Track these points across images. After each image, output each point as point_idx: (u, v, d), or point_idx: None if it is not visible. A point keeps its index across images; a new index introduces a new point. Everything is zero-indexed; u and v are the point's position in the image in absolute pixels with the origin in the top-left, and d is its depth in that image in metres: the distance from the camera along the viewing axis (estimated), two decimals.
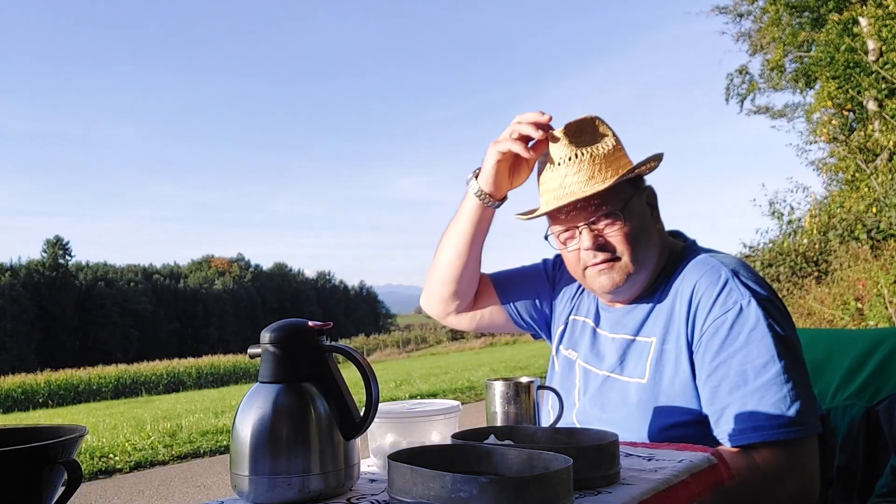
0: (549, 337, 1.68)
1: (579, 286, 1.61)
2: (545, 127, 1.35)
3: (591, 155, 1.34)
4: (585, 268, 1.41)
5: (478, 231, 1.50)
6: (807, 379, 1.28)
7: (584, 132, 1.37)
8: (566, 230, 1.40)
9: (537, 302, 1.65)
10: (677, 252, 1.46)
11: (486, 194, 1.44)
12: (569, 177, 1.34)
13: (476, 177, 1.45)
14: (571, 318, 1.59)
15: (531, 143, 1.38)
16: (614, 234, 1.36)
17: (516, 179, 1.45)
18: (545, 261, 1.71)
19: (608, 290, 1.40)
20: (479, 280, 1.62)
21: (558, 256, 1.70)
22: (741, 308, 1.29)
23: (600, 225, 1.36)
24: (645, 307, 1.42)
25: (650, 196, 1.45)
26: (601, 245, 1.37)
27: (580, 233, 1.37)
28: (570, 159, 1.35)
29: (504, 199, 1.46)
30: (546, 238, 1.46)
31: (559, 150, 1.36)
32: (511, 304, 1.65)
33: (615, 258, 1.37)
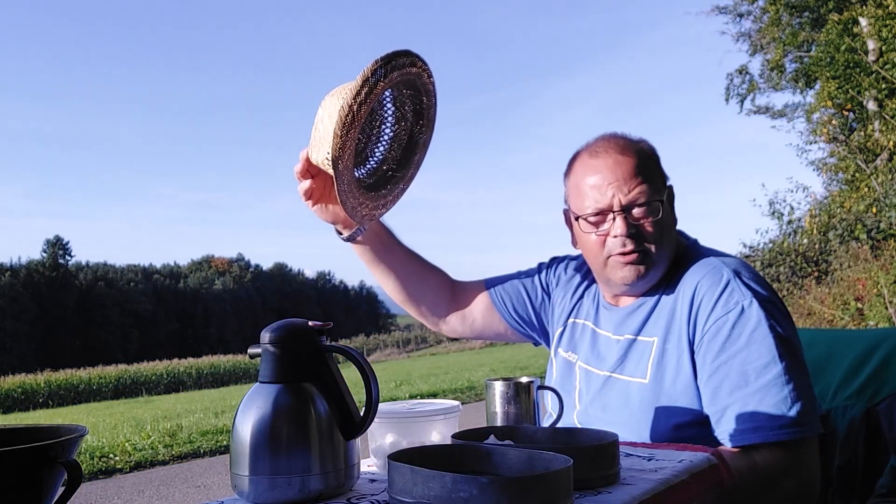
0: (547, 340, 1.67)
1: (578, 287, 1.61)
2: (308, 173, 1.34)
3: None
4: (609, 256, 1.40)
5: (377, 255, 1.55)
6: (808, 380, 1.28)
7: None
8: (597, 215, 1.39)
9: (529, 303, 1.65)
10: (680, 252, 1.46)
11: (347, 234, 1.47)
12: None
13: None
14: (571, 320, 1.59)
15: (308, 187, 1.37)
16: (648, 224, 1.37)
17: (337, 208, 1.42)
18: (540, 264, 1.71)
19: (630, 282, 1.39)
20: (440, 283, 1.65)
21: (553, 259, 1.71)
22: (743, 309, 1.28)
23: (636, 213, 1.37)
24: (647, 307, 1.42)
25: (671, 196, 1.45)
26: (633, 234, 1.36)
27: (614, 219, 1.37)
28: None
29: (359, 226, 1.45)
30: (577, 220, 1.44)
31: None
32: (501, 303, 1.65)
33: (643, 250, 1.37)
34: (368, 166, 1.38)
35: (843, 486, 1.57)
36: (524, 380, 1.21)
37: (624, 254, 1.37)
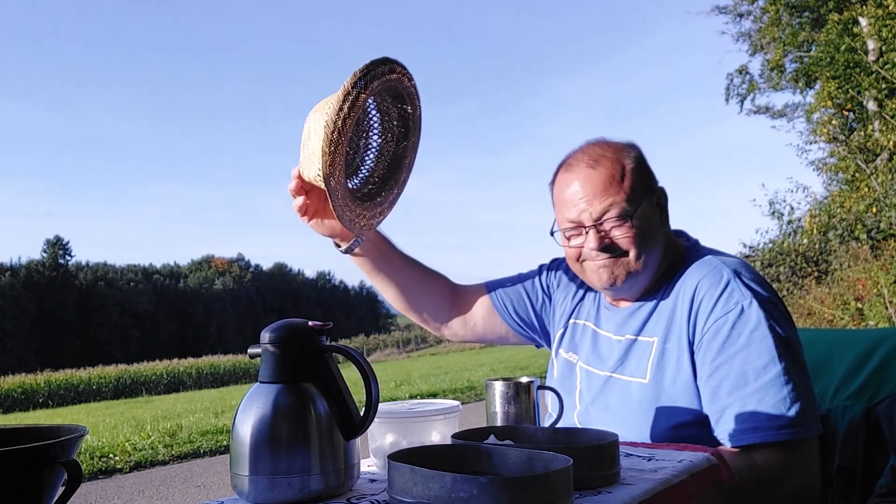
0: (549, 342, 1.68)
1: (579, 288, 1.61)
2: (301, 190, 1.33)
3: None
4: (584, 260, 1.42)
5: (376, 265, 1.55)
6: (807, 380, 1.28)
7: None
8: (573, 227, 1.40)
9: (530, 305, 1.65)
10: (680, 252, 1.47)
11: (345, 247, 1.46)
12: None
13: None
14: (572, 321, 1.59)
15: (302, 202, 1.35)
16: (620, 235, 1.37)
17: (332, 222, 1.40)
18: (541, 266, 1.71)
19: (606, 286, 1.40)
20: (441, 290, 1.66)
21: (554, 261, 1.71)
22: (742, 309, 1.29)
23: (607, 226, 1.37)
24: (647, 307, 1.42)
25: (661, 198, 1.45)
26: (606, 246, 1.37)
27: (586, 232, 1.38)
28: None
29: (356, 238, 1.44)
30: (552, 234, 1.47)
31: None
32: (503, 306, 1.65)
33: (618, 255, 1.38)
34: (360, 176, 1.38)
35: (843, 486, 1.57)
36: (524, 380, 1.21)
37: (597, 260, 1.39)
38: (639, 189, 1.39)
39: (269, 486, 0.91)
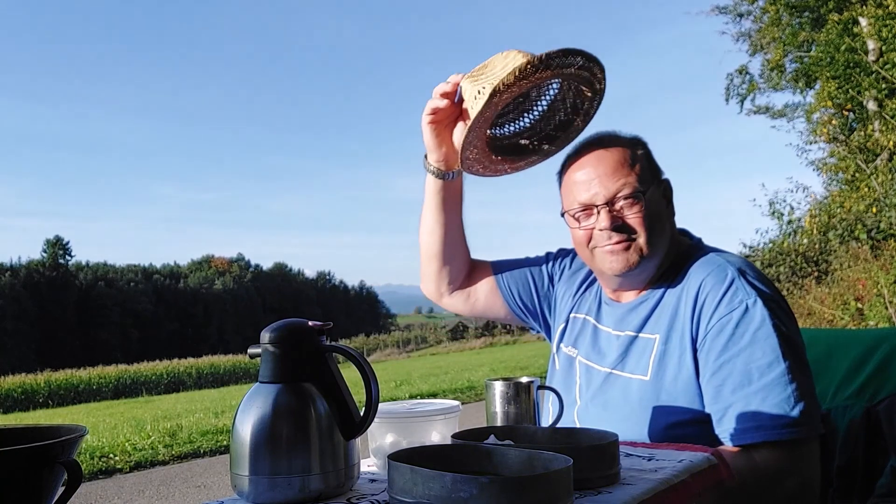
0: (548, 333, 1.68)
1: (582, 283, 1.61)
2: (449, 95, 1.36)
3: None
4: (595, 247, 1.41)
5: (443, 205, 1.55)
6: (810, 380, 1.28)
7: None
8: (583, 209, 1.40)
9: (534, 290, 1.66)
10: (684, 250, 1.46)
11: (436, 168, 1.48)
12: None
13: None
14: (572, 315, 1.59)
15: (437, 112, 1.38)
16: (633, 215, 1.37)
17: (443, 140, 1.44)
18: (547, 253, 1.72)
19: (619, 272, 1.39)
20: (467, 258, 1.66)
21: (560, 251, 1.71)
22: (747, 307, 1.28)
23: (618, 205, 1.37)
24: (649, 304, 1.42)
25: (666, 189, 1.45)
26: (618, 226, 1.37)
27: (598, 212, 1.38)
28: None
29: (456, 169, 1.47)
30: (562, 215, 1.47)
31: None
32: (507, 288, 1.66)
33: (631, 239, 1.38)
34: (500, 131, 1.42)
35: (843, 486, 1.57)
36: (524, 380, 1.21)
37: (609, 244, 1.39)
38: (648, 174, 1.40)
39: (269, 486, 0.91)
